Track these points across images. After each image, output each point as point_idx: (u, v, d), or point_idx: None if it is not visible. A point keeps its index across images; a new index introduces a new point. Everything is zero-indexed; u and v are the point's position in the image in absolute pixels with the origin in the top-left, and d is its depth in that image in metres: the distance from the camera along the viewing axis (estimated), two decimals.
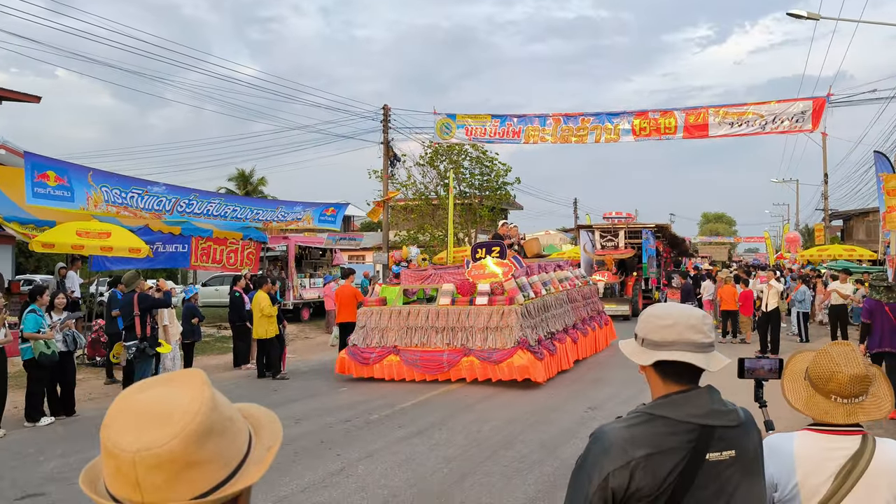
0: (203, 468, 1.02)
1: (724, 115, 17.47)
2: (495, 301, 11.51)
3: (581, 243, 26.54)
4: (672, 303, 2.07)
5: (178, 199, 13.91)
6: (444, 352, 11.41)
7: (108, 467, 1.03)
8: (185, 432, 1.01)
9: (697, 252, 45.86)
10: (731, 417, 1.89)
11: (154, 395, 1.06)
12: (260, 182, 43.08)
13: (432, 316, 11.69)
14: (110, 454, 1.02)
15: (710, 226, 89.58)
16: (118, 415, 1.05)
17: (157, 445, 1.00)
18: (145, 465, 0.99)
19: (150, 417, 1.03)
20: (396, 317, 11.93)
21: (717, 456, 1.84)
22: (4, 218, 12.81)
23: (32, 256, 23.69)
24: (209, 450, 1.03)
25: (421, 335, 11.66)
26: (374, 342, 11.92)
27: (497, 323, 11.23)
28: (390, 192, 27.26)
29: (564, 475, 6.67)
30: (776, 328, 15.25)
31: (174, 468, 1.00)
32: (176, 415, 1.02)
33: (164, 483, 1.00)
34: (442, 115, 20.20)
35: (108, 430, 1.04)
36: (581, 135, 18.69)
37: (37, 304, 9.40)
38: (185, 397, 1.05)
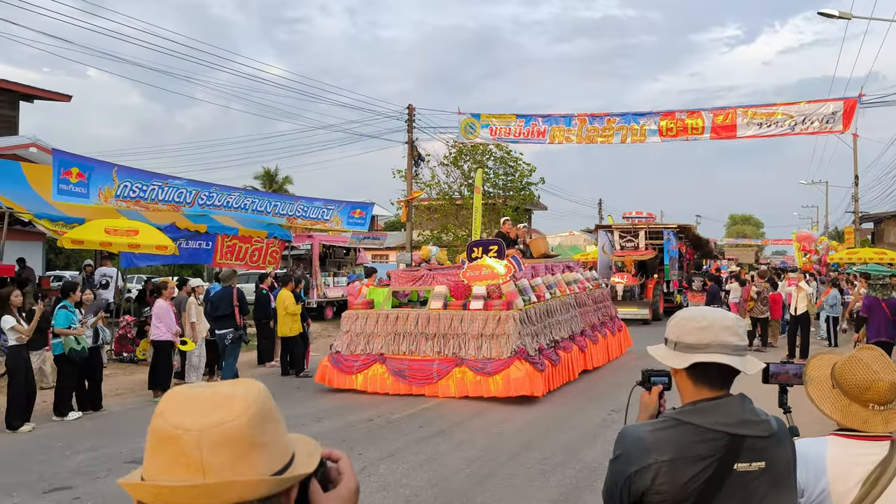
0: (264, 451, 0.99)
1: (752, 115, 17.26)
2: (491, 305, 10.40)
3: (599, 244, 25.95)
4: (704, 306, 2.04)
5: (198, 192, 14.01)
6: (433, 361, 10.30)
7: (164, 455, 0.97)
8: (249, 412, 0.99)
9: (724, 254, 45.34)
10: (763, 427, 1.85)
11: (207, 389, 1.04)
12: (285, 181, 43.37)
13: (422, 321, 10.55)
14: (169, 437, 0.96)
15: (738, 228, 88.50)
16: (174, 403, 1.00)
17: (226, 421, 0.96)
18: (212, 442, 0.95)
19: (212, 402, 1.00)
20: (384, 322, 10.82)
21: (745, 466, 1.80)
22: (35, 215, 13.03)
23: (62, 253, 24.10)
24: (269, 434, 1.01)
25: (409, 342, 10.56)
26: (360, 349, 10.87)
27: (493, 330, 10.12)
28: (414, 191, 27.31)
29: (587, 478, 6.65)
30: (805, 332, 15.01)
31: (240, 447, 0.96)
32: (237, 398, 1.00)
33: (229, 462, 0.96)
34: (466, 114, 20.19)
35: (164, 416, 0.99)
36: (607, 135, 18.56)
37: (68, 301, 9.55)
38: (240, 387, 1.04)
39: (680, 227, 26.05)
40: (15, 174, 13.83)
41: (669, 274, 24.31)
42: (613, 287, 21.98)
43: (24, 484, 6.60)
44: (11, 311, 8.83)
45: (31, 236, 18.72)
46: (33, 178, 14.00)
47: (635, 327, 19.33)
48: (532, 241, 14.97)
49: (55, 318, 9.37)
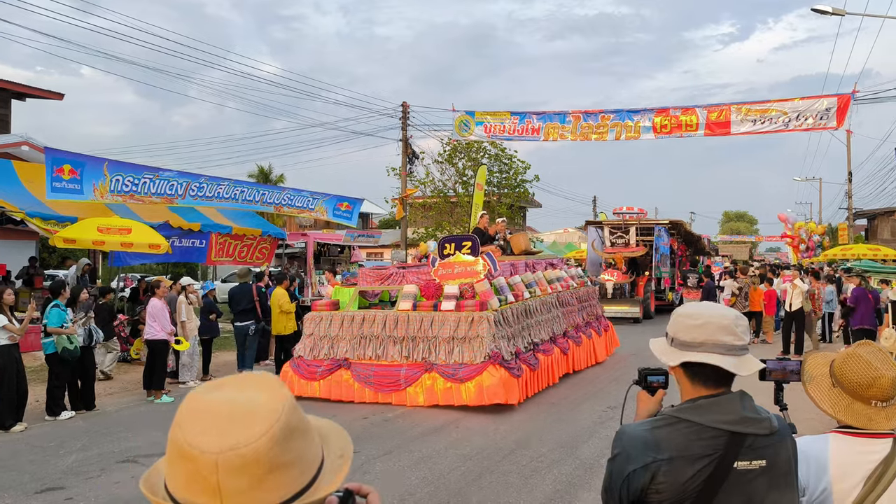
0: (286, 472, 0.95)
1: (746, 112, 17.24)
2: (463, 306, 9.67)
3: (589, 240, 25.38)
4: (706, 302, 2.01)
5: (189, 183, 13.95)
6: (401, 366, 9.59)
7: (182, 472, 0.94)
8: (271, 431, 0.94)
9: (717, 251, 45.35)
10: (764, 425, 1.82)
11: (228, 395, 0.98)
12: (279, 179, 43.22)
13: (390, 323, 9.82)
14: (186, 457, 0.93)
15: (731, 224, 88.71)
16: (192, 415, 0.96)
17: (242, 445, 0.92)
18: (229, 466, 0.91)
19: (231, 417, 0.95)
20: (349, 324, 10.09)
21: (745, 465, 1.78)
22: (27, 214, 12.94)
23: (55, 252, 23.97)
24: (293, 452, 0.96)
25: (376, 346, 9.85)
26: (323, 353, 10.11)
27: (465, 332, 9.39)
28: (409, 189, 27.27)
29: (582, 475, 6.63)
30: (800, 329, 15.05)
31: (259, 471, 0.92)
32: (260, 413, 0.95)
33: (247, 487, 0.92)
34: (461, 112, 20.12)
35: (183, 430, 0.95)
36: (601, 132, 18.53)
37: (59, 299, 9.48)
38: (263, 396, 0.98)
39: (671, 224, 25.35)
40: (7, 173, 13.73)
41: (660, 271, 23.82)
42: (603, 285, 21.66)
43: (17, 484, 6.54)
44: (3, 311, 8.76)
45: (23, 235, 18.59)
46: (25, 177, 13.90)
47: (625, 326, 19.34)
48: (512, 237, 14.19)
49: (47, 317, 9.29)
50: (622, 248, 23.54)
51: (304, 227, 32.96)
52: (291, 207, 17.50)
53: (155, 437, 8.18)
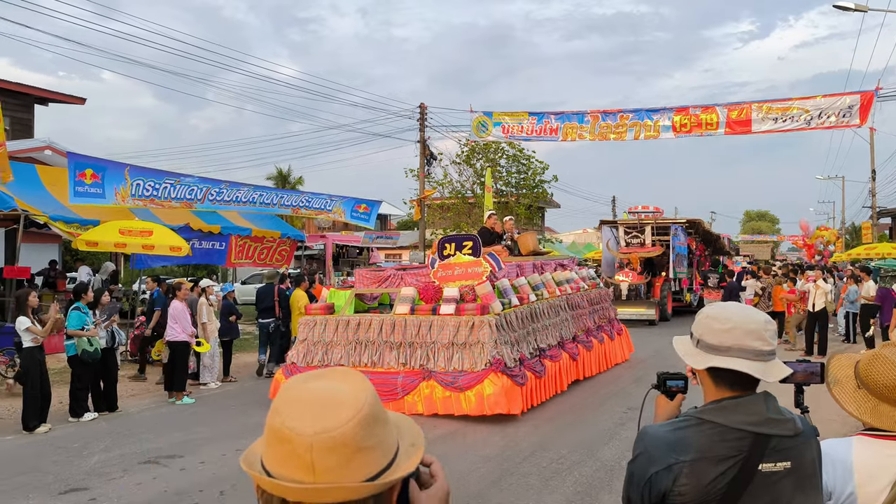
0: (370, 454, 1.07)
1: (767, 110, 17.06)
2: (463, 310, 9.16)
3: (603, 241, 24.67)
4: (733, 304, 1.97)
5: (208, 189, 14.10)
6: (398, 374, 9.10)
7: (280, 452, 1.06)
8: (357, 417, 1.06)
9: (738, 251, 44.89)
10: (789, 427, 1.79)
11: (320, 385, 1.12)
12: (298, 181, 43.46)
13: (386, 328, 9.36)
14: (284, 438, 1.05)
15: (753, 224, 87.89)
16: (289, 402, 1.09)
17: (333, 429, 1.04)
18: (322, 447, 1.03)
19: (323, 404, 1.07)
20: (344, 329, 9.65)
21: (770, 467, 1.75)
22: (50, 217, 13.11)
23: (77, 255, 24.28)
24: (375, 437, 1.08)
25: (372, 352, 9.40)
26: (317, 360, 9.68)
27: (465, 338, 8.92)
28: (427, 190, 27.28)
29: (603, 477, 6.59)
30: (823, 329, 14.86)
31: (347, 451, 1.04)
32: (347, 402, 1.08)
33: (337, 465, 1.04)
34: (478, 112, 20.09)
35: (281, 415, 1.07)
36: (620, 132, 18.42)
37: (81, 302, 9.58)
38: (350, 387, 1.11)
39: (689, 222, 24.45)
40: (30, 177, 13.94)
41: (676, 271, 22.83)
42: (617, 286, 21.21)
43: (41, 484, 6.62)
44: (27, 313, 8.87)
45: (46, 238, 18.86)
46: (48, 181, 14.10)
47: (641, 328, 19.03)
48: (520, 237, 13.61)
49: (68, 319, 9.40)
50: (637, 248, 22.84)
51: (323, 229, 33.11)
52: (310, 209, 17.62)
53: (176, 438, 8.24)
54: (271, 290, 13.42)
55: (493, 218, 13.23)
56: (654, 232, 23.02)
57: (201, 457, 7.47)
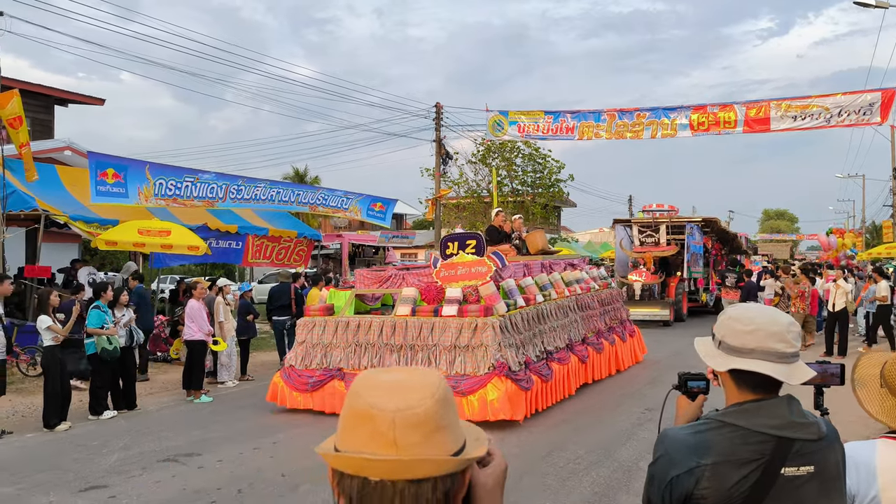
0: (448, 433, 1.11)
1: (786, 108, 16.89)
2: (466, 311, 8.85)
3: (616, 239, 24.05)
4: (756, 305, 1.94)
5: (228, 186, 14.24)
6: None
7: (361, 432, 1.08)
8: (435, 396, 1.10)
9: (757, 250, 44.45)
10: (812, 430, 1.76)
11: (394, 373, 1.16)
12: (314, 181, 43.62)
13: (386, 330, 9.06)
14: (366, 417, 1.08)
15: (771, 223, 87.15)
16: (368, 386, 1.13)
17: (415, 405, 1.08)
18: (404, 423, 1.07)
19: (402, 386, 1.12)
20: (343, 330, 9.34)
21: (793, 471, 1.73)
22: (70, 217, 13.25)
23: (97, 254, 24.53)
24: (450, 418, 1.12)
25: (372, 355, 9.12)
26: (315, 363, 9.39)
27: (468, 340, 8.59)
28: (442, 189, 27.29)
29: (621, 478, 6.55)
30: (844, 329, 14.70)
31: (427, 429, 1.08)
32: (424, 383, 1.13)
33: (418, 442, 1.07)
34: (494, 112, 20.05)
35: (362, 397, 1.11)
36: (636, 130, 18.31)
37: (101, 301, 9.67)
38: (423, 373, 1.17)
39: (705, 221, 23.86)
40: (51, 177, 14.09)
41: (692, 271, 22.34)
42: (630, 286, 20.89)
43: (62, 482, 6.69)
44: (48, 312, 8.97)
45: (66, 238, 19.05)
46: (68, 181, 14.25)
47: (655, 329, 18.81)
48: (528, 236, 13.21)
49: (88, 317, 9.50)
50: (652, 248, 22.29)
51: (339, 229, 33.21)
52: (326, 207, 17.71)
53: (195, 437, 8.30)
54: (286, 289, 13.67)
55: (501, 216, 12.92)
56: (668, 231, 22.44)
57: (219, 455, 7.51)
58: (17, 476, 6.87)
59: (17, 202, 12.92)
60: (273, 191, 15.57)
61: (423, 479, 1.08)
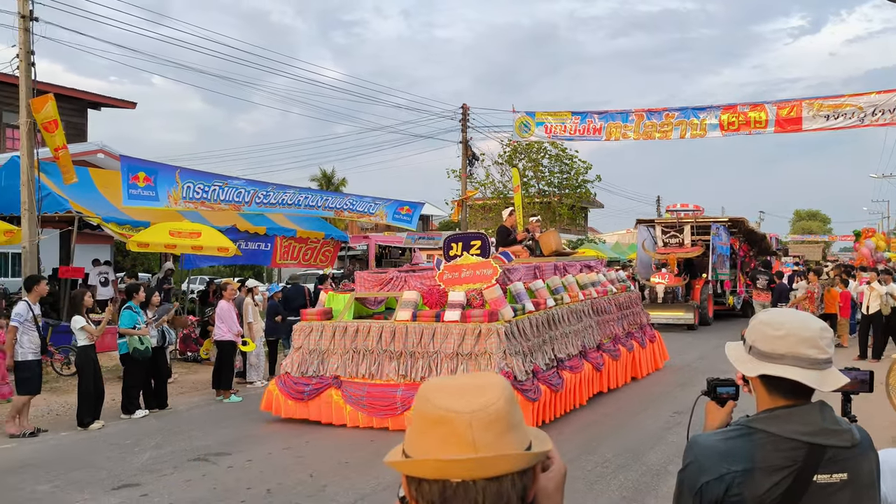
0: (518, 431, 1.14)
1: (819, 107, 16.61)
2: (470, 316, 8.33)
3: (639, 240, 23.39)
4: (788, 310, 1.92)
5: (255, 191, 14.39)
6: (398, 386, 8.33)
7: (437, 435, 1.11)
8: (504, 396, 1.14)
9: (787, 251, 43.75)
10: (845, 437, 1.74)
11: (459, 379, 1.19)
12: (342, 183, 43.93)
13: (385, 336, 8.56)
14: (441, 420, 1.11)
15: (803, 224, 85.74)
16: (438, 391, 1.15)
17: (490, 405, 1.11)
18: (480, 423, 1.09)
19: (472, 388, 1.15)
20: (341, 336, 8.84)
21: (826, 478, 1.71)
22: (103, 219, 13.49)
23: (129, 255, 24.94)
24: (518, 416, 1.16)
25: (370, 362, 8.62)
26: (311, 370, 8.91)
27: (471, 348, 8.11)
28: (468, 191, 27.28)
29: (649, 482, 6.50)
30: (877, 332, 14.43)
31: (501, 427, 1.11)
32: (492, 384, 1.16)
33: (494, 440, 1.10)
34: (521, 113, 19.99)
35: (433, 401, 1.13)
36: (665, 130, 18.13)
37: (133, 301, 9.83)
38: (487, 375, 1.20)
39: (731, 221, 23.13)
40: (84, 180, 14.35)
41: (719, 273, 21.61)
42: (653, 288, 20.32)
43: (95, 480, 6.81)
44: (82, 312, 9.14)
45: (99, 239, 19.38)
46: (101, 184, 14.51)
47: (679, 333, 18.45)
48: (542, 237, 12.64)
49: (120, 318, 9.66)
50: (676, 249, 21.66)
51: (366, 230, 33.36)
52: (353, 212, 17.82)
53: (224, 436, 8.39)
54: (300, 291, 13.95)
55: (514, 217, 12.42)
56: (693, 231, 21.79)
57: (248, 455, 7.59)
58: (52, 474, 7.01)
59: (52, 204, 13.19)
60: (301, 196, 15.72)
61: (502, 476, 1.10)
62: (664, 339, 13.87)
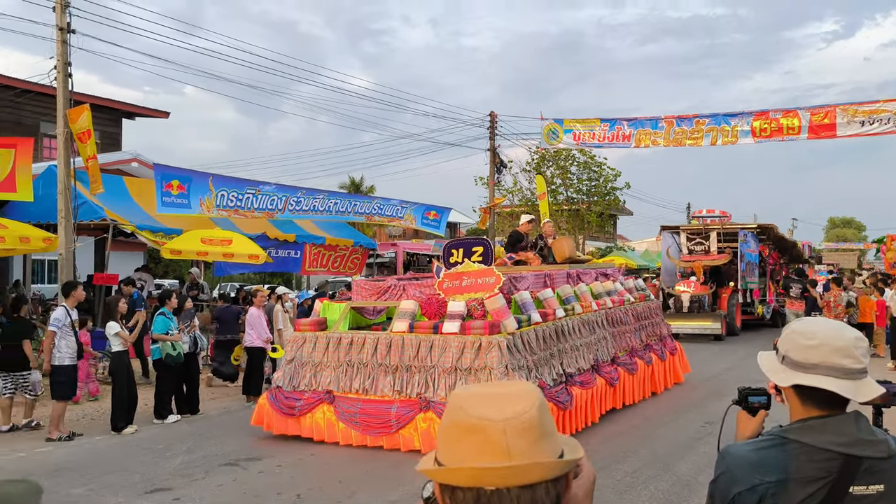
0: (551, 438, 1.15)
1: (853, 113, 16.36)
2: (469, 328, 7.80)
3: (663, 247, 22.63)
4: (821, 319, 1.91)
5: (287, 198, 14.56)
6: (392, 403, 7.83)
7: (470, 443, 1.11)
8: (537, 404, 1.14)
9: (821, 259, 42.89)
10: (881, 448, 1.72)
11: (491, 387, 1.20)
12: (370, 190, 44.17)
13: (381, 348, 8.05)
14: (474, 428, 1.11)
15: (837, 231, 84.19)
16: (470, 399, 1.16)
17: (523, 413, 1.12)
18: (515, 431, 1.10)
19: (505, 396, 1.15)
20: (335, 348, 8.34)
21: (862, 490, 1.69)
22: (137, 226, 13.74)
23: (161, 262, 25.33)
24: (551, 424, 1.17)
25: (364, 376, 8.11)
26: (304, 384, 8.42)
27: (470, 362, 7.58)
28: (496, 198, 27.26)
29: (680, 492, 6.43)
30: None
31: (534, 435, 1.11)
32: (522, 392, 1.17)
33: (528, 448, 1.10)
34: (549, 120, 19.97)
35: (465, 410, 1.13)
36: (696, 137, 17.99)
37: (166, 307, 9.99)
38: (517, 385, 1.21)
39: (760, 228, 22.44)
40: (118, 188, 14.64)
41: (747, 281, 20.93)
42: (678, 297, 19.78)
43: (128, 484, 6.91)
44: (116, 319, 9.31)
45: (133, 247, 19.76)
46: (135, 192, 14.78)
47: (705, 344, 18.04)
48: (555, 243, 12.05)
49: (153, 324, 9.82)
50: (702, 256, 21.07)
51: (394, 238, 33.50)
52: (381, 216, 17.93)
53: (255, 441, 8.47)
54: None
55: (529, 225, 12.12)
56: (720, 238, 21.23)
57: (279, 460, 7.66)
58: (86, 477, 7.14)
59: (87, 212, 13.46)
60: (331, 202, 15.86)
61: (536, 484, 1.11)
62: (689, 351, 13.53)
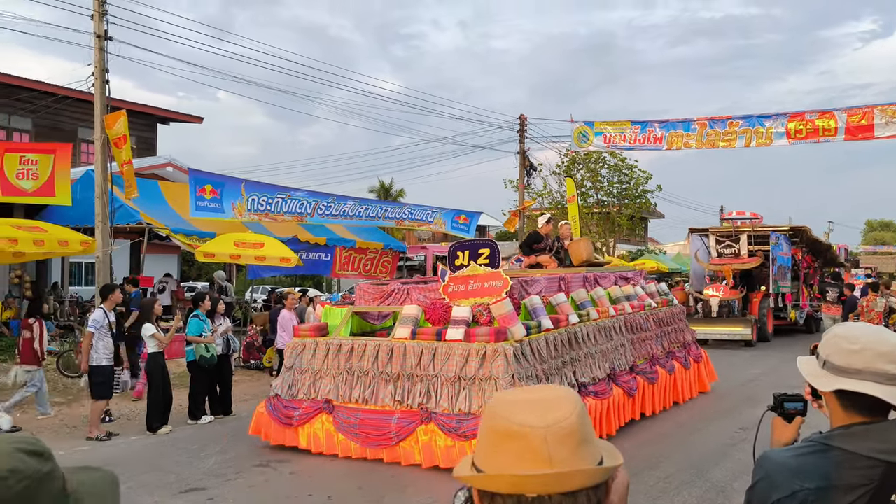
0: (591, 445, 1.14)
1: (892, 114, 16.03)
2: (474, 335, 7.36)
3: (692, 251, 22.03)
4: (864, 324, 1.87)
5: (317, 203, 14.67)
6: (393, 414, 7.44)
7: (511, 450, 1.10)
8: (576, 410, 1.14)
9: (858, 263, 41.99)
10: None
11: (530, 393, 1.19)
12: (399, 194, 44.37)
13: (382, 356, 7.66)
14: (515, 435, 1.10)
15: (875, 234, 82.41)
16: (510, 406, 1.15)
17: (563, 419, 1.11)
18: (555, 438, 1.09)
19: (544, 402, 1.14)
20: (334, 355, 7.97)
21: None
22: (172, 230, 13.97)
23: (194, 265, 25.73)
24: (590, 430, 1.16)
25: (364, 385, 7.71)
26: (302, 392, 8.07)
27: (475, 371, 7.14)
28: (526, 201, 27.20)
29: (714, 498, 6.34)
30: None
31: (575, 441, 1.11)
32: (563, 397, 1.16)
33: (569, 454, 1.10)
34: (579, 122, 19.87)
35: (505, 416, 1.13)
36: (729, 139, 17.76)
37: (200, 310, 10.13)
38: (556, 390, 1.20)
39: (792, 230, 21.60)
40: (153, 192, 14.91)
41: (780, 285, 20.28)
42: (707, 301, 19.25)
43: (163, 483, 7.02)
44: (152, 320, 9.46)
45: (167, 250, 20.09)
46: (170, 196, 15.04)
47: (735, 350, 17.59)
48: (571, 245, 11.53)
49: (188, 326, 9.96)
50: (731, 259, 20.35)
51: (424, 241, 33.60)
52: (412, 221, 18.01)
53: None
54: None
55: (550, 225, 11.68)
56: (751, 241, 20.41)
57: (310, 462, 7.71)
58: (123, 476, 7.15)
59: (123, 216, 13.73)
60: (361, 207, 15.98)
61: (577, 491, 1.10)
62: (719, 357, 13.04)
